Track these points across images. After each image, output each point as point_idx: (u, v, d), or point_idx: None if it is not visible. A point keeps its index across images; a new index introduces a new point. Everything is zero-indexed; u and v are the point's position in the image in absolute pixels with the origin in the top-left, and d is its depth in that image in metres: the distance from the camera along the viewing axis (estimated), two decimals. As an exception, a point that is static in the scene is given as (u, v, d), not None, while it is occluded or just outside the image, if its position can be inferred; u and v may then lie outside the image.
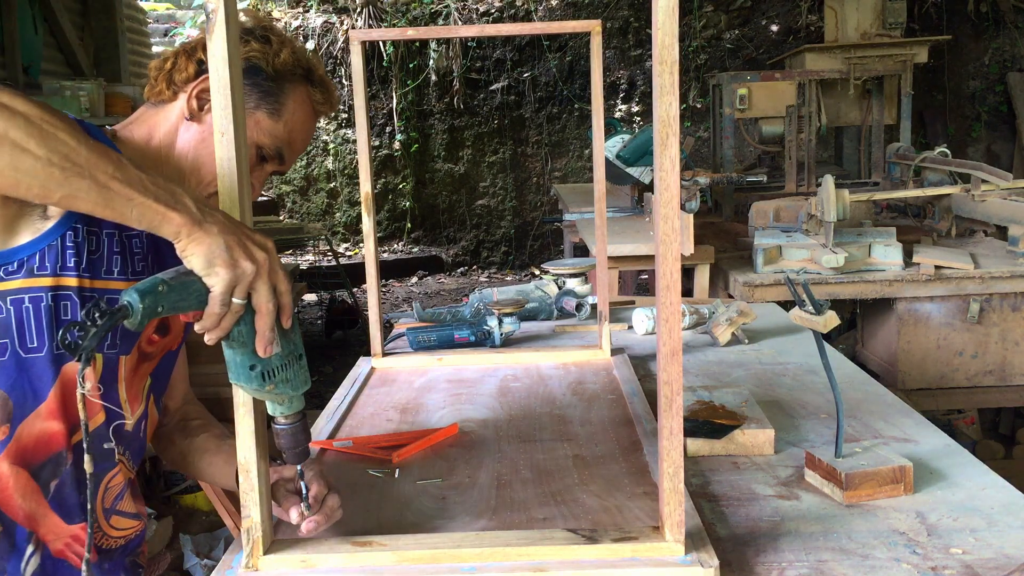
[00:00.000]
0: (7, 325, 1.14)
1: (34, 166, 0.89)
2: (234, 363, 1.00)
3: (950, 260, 3.29)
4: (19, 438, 1.16)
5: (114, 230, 1.21)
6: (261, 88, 1.30)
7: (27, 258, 1.13)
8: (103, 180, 0.92)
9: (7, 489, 1.17)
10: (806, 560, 1.10)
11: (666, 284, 1.00)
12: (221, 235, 0.95)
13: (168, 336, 1.34)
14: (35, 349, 1.16)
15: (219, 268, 0.94)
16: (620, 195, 4.66)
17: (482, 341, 2.15)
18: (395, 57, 8.72)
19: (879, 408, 1.65)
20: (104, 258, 1.20)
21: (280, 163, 1.35)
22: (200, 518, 3.51)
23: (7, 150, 0.88)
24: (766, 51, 8.44)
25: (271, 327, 0.99)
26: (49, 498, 1.20)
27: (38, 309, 1.14)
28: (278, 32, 1.35)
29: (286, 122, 1.33)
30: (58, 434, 1.18)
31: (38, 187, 0.90)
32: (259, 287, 0.97)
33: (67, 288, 1.16)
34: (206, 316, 0.95)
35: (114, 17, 6.56)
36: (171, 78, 1.30)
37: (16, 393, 1.16)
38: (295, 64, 1.33)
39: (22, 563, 1.19)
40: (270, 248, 0.99)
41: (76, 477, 1.21)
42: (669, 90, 0.96)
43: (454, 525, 1.20)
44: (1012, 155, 7.98)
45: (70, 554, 1.22)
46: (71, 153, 0.91)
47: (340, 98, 8.62)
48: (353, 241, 8.94)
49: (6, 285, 1.13)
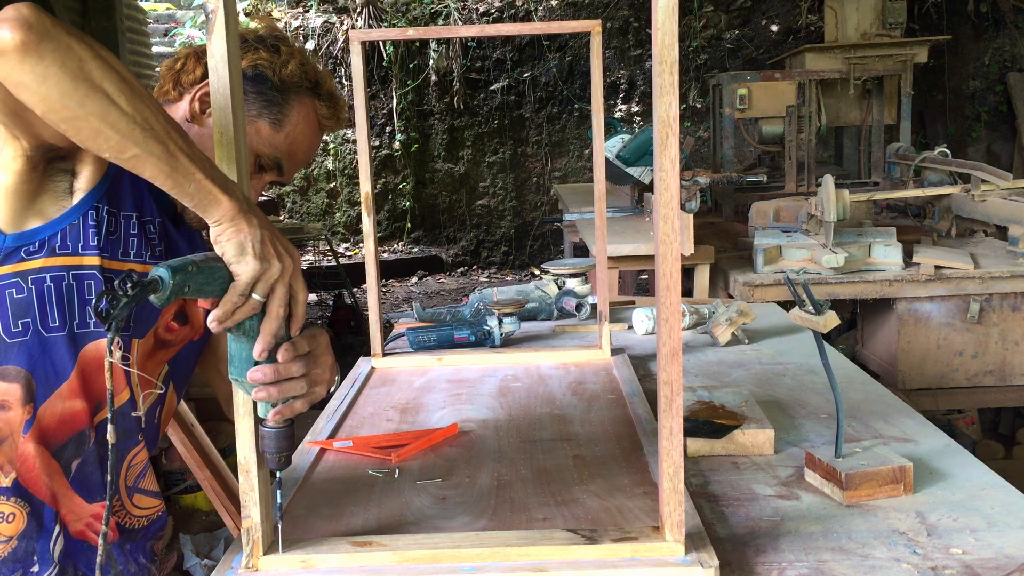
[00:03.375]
0: (28, 304, 1.15)
1: (120, 120, 0.92)
2: (239, 357, 1.01)
3: (950, 260, 3.29)
4: (42, 418, 1.18)
5: (132, 212, 1.23)
6: (266, 97, 1.30)
7: (48, 238, 1.15)
8: (173, 150, 0.94)
9: (33, 469, 1.18)
10: (806, 560, 1.10)
11: (666, 284, 1.00)
12: (260, 228, 0.98)
13: (187, 326, 1.35)
14: (56, 328, 1.17)
15: (249, 258, 0.96)
16: (620, 195, 4.66)
17: (482, 341, 2.15)
18: (395, 57, 8.72)
19: (879, 408, 1.65)
20: (122, 240, 1.21)
21: (279, 174, 1.36)
22: (200, 518, 3.51)
23: (100, 99, 0.91)
24: (766, 51, 8.44)
25: (275, 332, 1.00)
26: (71, 478, 1.21)
27: (59, 288, 1.16)
28: (289, 43, 1.36)
29: (287, 134, 1.33)
30: (81, 412, 1.20)
31: (116, 140, 0.93)
32: (278, 289, 0.99)
33: (89, 267, 1.17)
34: (223, 302, 0.97)
35: (114, 17, 6.56)
36: (178, 79, 1.32)
37: (39, 372, 1.17)
38: (303, 76, 1.34)
39: (50, 543, 1.20)
40: (296, 257, 1.02)
41: (99, 455, 1.22)
42: (669, 90, 0.96)
43: (454, 525, 1.20)
44: (1012, 155, 7.97)
45: (91, 534, 1.23)
46: (152, 118, 0.94)
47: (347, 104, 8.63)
48: (353, 241, 8.94)
49: (28, 265, 1.14)
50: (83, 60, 0.91)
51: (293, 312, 1.02)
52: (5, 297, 1.14)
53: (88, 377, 1.20)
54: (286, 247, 1.01)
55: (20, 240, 1.14)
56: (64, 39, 0.90)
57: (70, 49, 0.90)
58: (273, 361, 1.02)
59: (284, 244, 1.01)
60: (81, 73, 0.90)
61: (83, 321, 1.18)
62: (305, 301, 1.04)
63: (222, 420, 3.11)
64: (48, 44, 0.89)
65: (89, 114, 0.91)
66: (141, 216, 1.25)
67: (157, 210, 1.28)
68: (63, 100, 0.90)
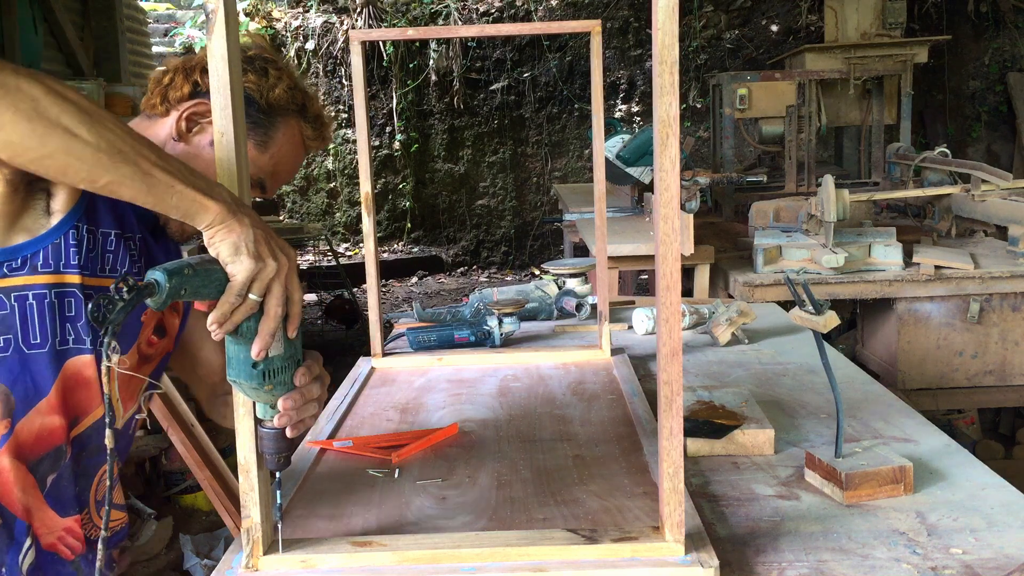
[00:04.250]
0: (10, 321, 1.15)
1: (84, 151, 0.91)
2: (237, 359, 1.01)
3: (950, 260, 3.29)
4: (19, 433, 1.17)
5: (111, 229, 1.22)
6: (252, 119, 1.30)
7: (31, 255, 1.14)
8: (146, 168, 0.94)
9: (7, 483, 1.17)
10: (806, 560, 1.10)
11: (666, 284, 1.00)
12: (252, 227, 0.97)
13: (165, 338, 1.35)
14: (38, 345, 1.16)
15: (244, 257, 0.96)
16: (620, 195, 4.66)
17: (482, 341, 2.15)
18: (395, 57, 8.72)
19: (879, 408, 1.65)
20: (101, 256, 1.21)
21: (261, 192, 1.37)
22: (200, 518, 3.51)
23: (60, 135, 0.91)
24: (766, 51, 8.44)
25: (273, 332, 1.00)
26: (45, 492, 1.21)
27: (41, 305, 1.15)
28: (279, 65, 1.35)
29: (272, 155, 1.34)
30: (58, 428, 1.19)
31: (86, 171, 0.92)
32: (275, 288, 0.99)
33: (70, 285, 1.17)
34: (220, 303, 0.97)
35: (114, 17, 6.55)
36: (166, 94, 1.31)
37: (18, 388, 1.16)
38: (290, 100, 1.34)
39: (20, 556, 1.20)
40: (292, 256, 1.02)
41: (74, 470, 1.23)
42: (669, 90, 0.96)
43: (454, 525, 1.20)
44: (1012, 155, 7.97)
45: (61, 547, 1.23)
46: (117, 141, 0.93)
47: (342, 100, 8.63)
48: (353, 241, 8.94)
49: (10, 281, 1.14)
50: (36, 99, 0.90)
51: (289, 312, 1.02)
52: None
53: (67, 393, 1.19)
54: (280, 245, 1.01)
55: (3, 256, 1.13)
56: (12, 81, 0.89)
57: (19, 91, 0.89)
58: (292, 387, 1.04)
59: (279, 243, 1.01)
60: (35, 113, 0.89)
61: (64, 338, 1.18)
62: (301, 300, 1.04)
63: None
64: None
65: (53, 151, 0.90)
66: (123, 232, 1.24)
67: (138, 225, 1.28)
68: (24, 142, 0.90)
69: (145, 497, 3.45)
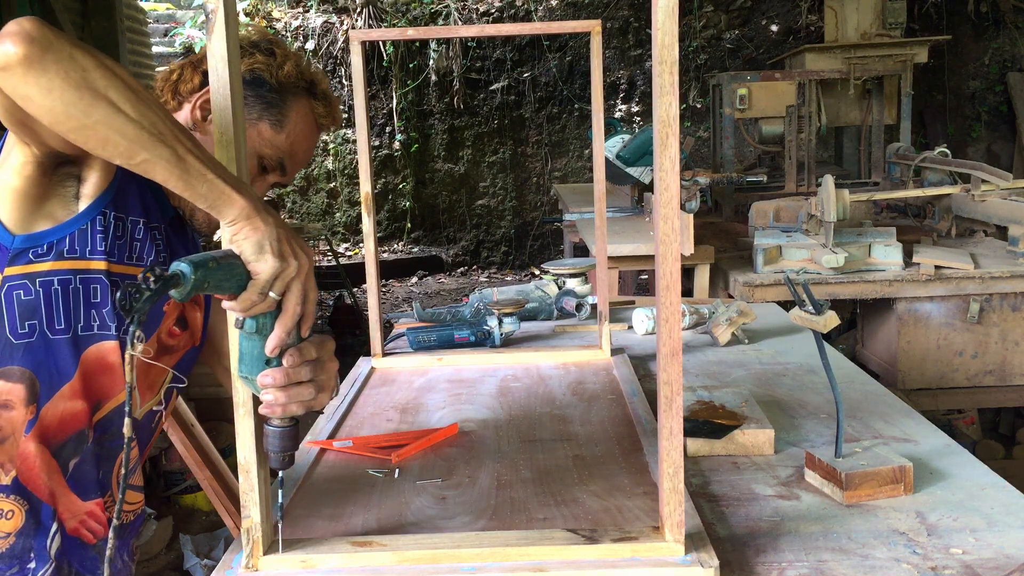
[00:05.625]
0: (35, 306, 1.17)
1: (126, 126, 0.93)
2: (250, 355, 1.02)
3: (950, 260, 3.29)
4: (44, 418, 1.19)
5: (139, 218, 1.24)
6: (265, 100, 1.33)
7: (57, 241, 1.17)
8: (182, 152, 0.95)
9: (34, 468, 1.20)
10: (806, 560, 1.10)
11: (666, 284, 1.00)
12: (276, 227, 0.99)
13: (187, 332, 1.37)
14: (61, 330, 1.19)
15: (268, 256, 0.98)
16: (620, 195, 4.66)
17: (482, 341, 2.15)
18: (395, 57, 8.72)
19: (879, 408, 1.65)
20: (128, 244, 1.23)
21: (282, 174, 1.39)
22: (200, 518, 3.51)
23: (105, 107, 0.92)
24: (766, 51, 8.44)
25: (289, 330, 1.02)
26: (68, 476, 1.23)
27: (66, 291, 1.18)
28: (283, 46, 1.39)
29: (288, 133, 1.36)
30: (81, 413, 1.22)
31: (125, 146, 0.94)
32: (294, 287, 1.01)
33: (96, 271, 1.19)
34: (241, 299, 0.98)
35: (114, 17, 6.55)
36: (176, 88, 1.34)
37: (43, 373, 1.19)
38: (298, 77, 1.37)
39: (47, 540, 1.22)
40: (311, 256, 1.03)
41: (96, 454, 1.25)
42: (669, 90, 0.96)
43: (454, 525, 1.20)
44: (1012, 155, 7.97)
45: (84, 531, 1.25)
46: (159, 122, 0.95)
47: (342, 100, 8.63)
48: (353, 241, 8.94)
49: (36, 267, 1.16)
50: (86, 70, 0.92)
51: (304, 311, 1.03)
52: (13, 298, 1.16)
53: (90, 378, 1.22)
54: (301, 246, 1.02)
55: (29, 242, 1.16)
56: (67, 50, 0.91)
57: (73, 60, 0.91)
58: (281, 365, 1.03)
59: (299, 243, 1.02)
60: (85, 83, 0.91)
61: (88, 324, 1.20)
62: (315, 300, 1.05)
63: (222, 420, 3.11)
64: (51, 56, 0.90)
65: (96, 123, 0.92)
66: (149, 222, 1.27)
67: (161, 216, 1.30)
68: (68, 111, 0.92)
69: (145, 497, 3.45)
